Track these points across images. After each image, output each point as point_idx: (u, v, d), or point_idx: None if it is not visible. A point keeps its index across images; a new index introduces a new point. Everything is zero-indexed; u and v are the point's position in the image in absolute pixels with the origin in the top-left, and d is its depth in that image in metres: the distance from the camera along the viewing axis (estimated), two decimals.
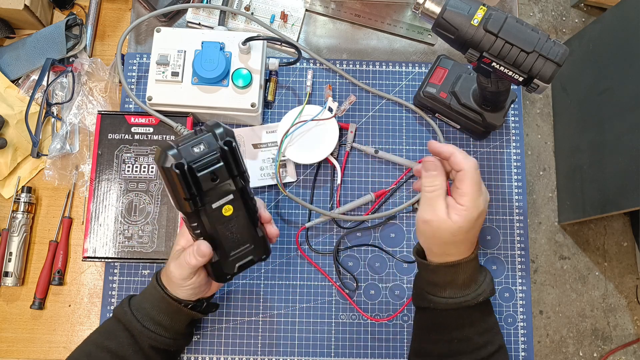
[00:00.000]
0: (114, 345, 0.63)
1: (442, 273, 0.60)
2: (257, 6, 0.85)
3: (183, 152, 0.53)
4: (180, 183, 0.53)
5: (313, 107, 0.79)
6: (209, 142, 0.55)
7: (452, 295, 0.60)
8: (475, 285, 0.61)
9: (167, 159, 0.53)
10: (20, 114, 0.81)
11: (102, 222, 0.75)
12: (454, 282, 0.60)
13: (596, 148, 1.55)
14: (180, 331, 0.66)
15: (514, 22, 0.59)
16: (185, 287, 0.63)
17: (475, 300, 0.60)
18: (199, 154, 0.54)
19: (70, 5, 0.86)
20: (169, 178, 0.54)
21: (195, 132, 0.56)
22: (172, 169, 0.52)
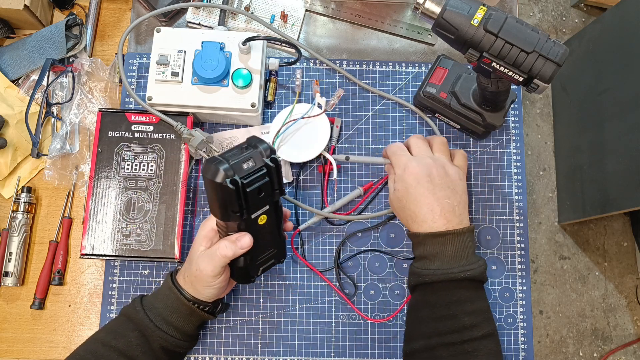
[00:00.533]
0: (122, 345, 0.63)
1: (430, 244, 0.64)
2: (257, 6, 0.85)
3: (235, 168, 0.55)
4: (234, 198, 0.55)
5: (303, 105, 0.79)
6: (255, 158, 0.57)
7: (440, 266, 0.63)
8: (467, 261, 0.63)
9: (219, 174, 0.54)
10: (20, 114, 0.81)
11: (100, 219, 0.75)
12: (443, 254, 0.63)
13: (596, 148, 1.55)
14: (191, 333, 0.67)
15: (514, 22, 0.59)
16: (214, 286, 0.64)
17: (462, 273, 0.62)
18: (247, 170, 0.56)
19: (70, 5, 0.86)
20: (219, 192, 0.55)
21: (241, 147, 0.58)
22: (226, 185, 0.54)
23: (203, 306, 0.66)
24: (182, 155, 0.77)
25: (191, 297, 0.65)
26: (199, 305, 0.66)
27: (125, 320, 0.65)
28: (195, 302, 0.65)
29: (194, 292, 0.65)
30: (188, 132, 0.74)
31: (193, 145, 0.74)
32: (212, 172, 0.54)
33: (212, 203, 0.58)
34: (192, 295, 0.65)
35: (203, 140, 0.74)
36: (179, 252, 0.74)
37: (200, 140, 0.73)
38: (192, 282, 0.64)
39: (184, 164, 0.76)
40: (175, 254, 0.74)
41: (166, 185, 0.76)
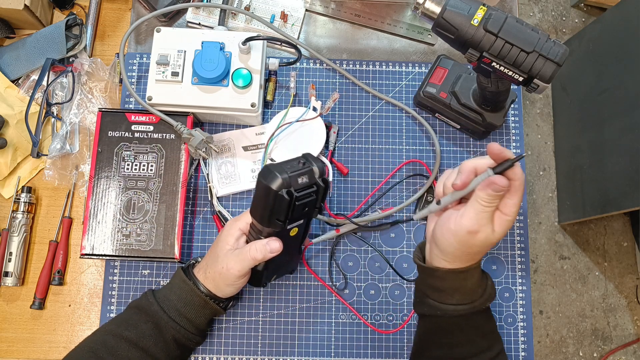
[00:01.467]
0: (134, 336, 0.64)
1: (452, 279, 0.59)
2: (257, 6, 0.85)
3: (292, 180, 0.57)
4: (284, 208, 0.57)
5: (298, 108, 0.79)
6: (310, 175, 0.59)
7: (460, 301, 0.59)
8: (481, 289, 0.60)
9: (277, 182, 0.56)
10: (20, 114, 0.81)
11: (100, 219, 0.75)
12: (463, 288, 0.59)
13: (596, 148, 1.55)
14: (202, 327, 0.68)
15: (514, 22, 0.59)
16: (236, 285, 0.66)
17: (484, 305, 0.59)
18: (302, 185, 0.58)
19: (70, 5, 0.86)
20: (271, 199, 0.57)
21: (298, 161, 0.59)
22: (282, 195, 0.56)
23: (217, 300, 0.67)
24: (182, 155, 0.77)
25: (207, 291, 0.66)
26: (213, 299, 0.67)
27: (137, 312, 0.66)
28: (211, 296, 0.66)
29: (214, 288, 0.66)
30: (188, 132, 0.74)
31: (193, 145, 0.74)
32: (271, 178, 0.56)
33: (259, 207, 0.59)
34: (209, 290, 0.66)
35: (203, 140, 0.74)
36: (179, 252, 0.74)
37: (200, 140, 0.73)
38: (214, 278, 0.65)
39: (184, 164, 0.76)
40: (175, 253, 0.74)
41: (166, 185, 0.76)
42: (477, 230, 0.55)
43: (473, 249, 0.56)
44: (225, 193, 0.79)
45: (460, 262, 0.58)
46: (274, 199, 0.57)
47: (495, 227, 0.55)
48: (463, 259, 0.58)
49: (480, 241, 0.55)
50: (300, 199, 0.58)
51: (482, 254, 0.59)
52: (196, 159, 0.79)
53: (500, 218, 0.56)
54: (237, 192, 0.79)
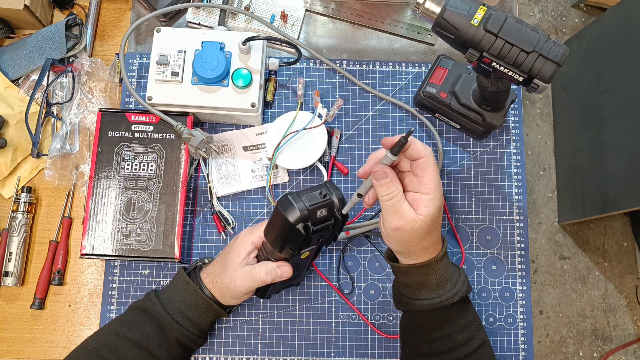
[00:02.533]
0: (138, 336, 0.64)
1: (414, 274, 0.60)
2: (257, 6, 0.85)
3: (311, 213, 0.56)
4: (299, 241, 0.57)
5: (303, 113, 0.79)
6: (330, 208, 0.57)
7: (427, 296, 0.61)
8: (451, 284, 0.61)
9: (295, 214, 0.55)
10: (20, 114, 0.81)
11: (100, 219, 0.75)
12: (426, 283, 0.60)
13: (596, 148, 1.55)
14: (205, 329, 0.68)
15: (514, 22, 0.59)
16: (241, 299, 0.67)
17: (451, 300, 0.60)
18: (320, 218, 0.57)
19: (70, 5, 0.86)
20: (287, 229, 0.56)
21: (319, 191, 0.58)
22: (299, 229, 0.55)
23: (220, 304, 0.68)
24: (182, 155, 0.77)
25: (212, 296, 0.66)
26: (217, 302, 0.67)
27: (140, 313, 0.66)
28: (214, 299, 0.67)
29: (219, 296, 0.66)
30: (188, 132, 0.74)
31: (193, 145, 0.74)
32: (290, 210, 0.55)
33: (274, 233, 0.59)
34: (214, 296, 0.66)
35: (203, 140, 0.74)
36: (179, 252, 0.74)
37: (200, 140, 0.73)
38: (221, 289, 0.66)
39: (184, 164, 0.76)
40: (175, 253, 0.74)
41: (166, 185, 0.76)
42: (400, 225, 0.55)
43: (412, 240, 0.57)
44: (225, 193, 0.79)
45: (418, 256, 0.59)
46: (289, 231, 0.56)
47: (419, 210, 0.55)
48: (418, 252, 0.58)
49: (410, 231, 0.55)
50: (316, 232, 0.57)
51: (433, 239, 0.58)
52: (196, 159, 0.79)
53: (421, 199, 0.55)
54: (237, 192, 0.79)
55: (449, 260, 0.63)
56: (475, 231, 0.80)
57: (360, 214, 0.79)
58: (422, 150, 0.55)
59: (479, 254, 0.79)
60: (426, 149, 0.56)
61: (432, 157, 0.56)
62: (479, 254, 0.79)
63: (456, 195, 0.81)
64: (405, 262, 0.60)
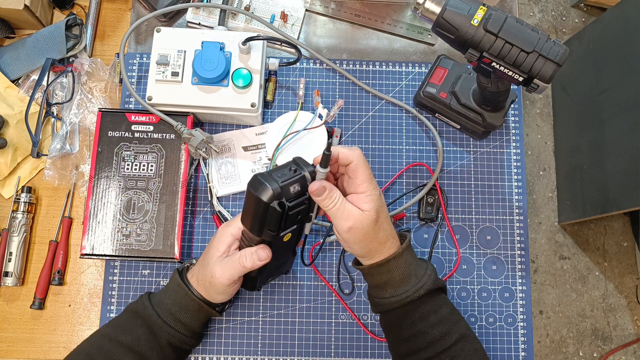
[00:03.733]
0: (129, 340, 0.63)
1: (377, 273, 0.62)
2: (257, 6, 0.85)
3: (283, 190, 0.55)
4: (276, 219, 0.56)
5: (303, 113, 0.79)
6: (302, 183, 0.57)
7: (392, 293, 0.62)
8: (416, 278, 0.62)
9: (267, 193, 0.54)
10: (20, 114, 0.81)
11: (100, 219, 0.75)
12: (390, 281, 0.61)
13: (596, 148, 1.55)
14: (197, 330, 0.68)
15: (514, 22, 0.59)
16: (227, 292, 0.65)
17: (417, 294, 0.61)
18: (294, 193, 0.56)
19: (70, 5, 0.86)
20: (262, 210, 0.55)
21: (289, 168, 0.57)
22: (274, 207, 0.54)
23: (211, 305, 0.67)
24: (182, 155, 0.77)
25: (201, 296, 0.66)
26: (207, 303, 0.66)
27: (132, 316, 0.66)
28: (204, 300, 0.66)
29: (205, 295, 0.66)
30: (188, 132, 0.74)
31: (193, 145, 0.74)
32: (261, 189, 0.54)
33: (250, 217, 0.58)
34: (202, 296, 0.66)
35: (203, 140, 0.74)
36: (179, 252, 0.74)
37: (200, 140, 0.73)
38: (205, 286, 0.65)
39: (184, 164, 0.76)
40: (175, 253, 0.74)
41: (166, 185, 0.76)
42: (350, 224, 0.57)
43: (367, 238, 0.59)
44: (225, 193, 0.79)
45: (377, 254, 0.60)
46: (265, 211, 0.55)
47: (363, 206, 0.58)
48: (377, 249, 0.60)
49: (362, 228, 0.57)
50: (292, 209, 0.56)
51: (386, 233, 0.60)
52: (196, 159, 0.79)
53: (359, 198, 0.58)
54: (237, 192, 0.79)
55: (413, 256, 0.63)
56: (475, 231, 0.80)
57: None
58: (349, 155, 0.58)
59: (479, 254, 0.79)
60: (353, 152, 0.58)
61: (361, 158, 0.58)
62: (479, 254, 0.79)
63: (456, 195, 0.81)
64: (368, 262, 0.62)
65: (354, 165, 0.58)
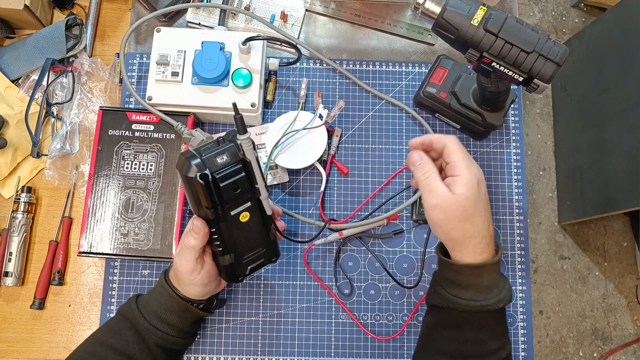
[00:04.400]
0: (119, 344, 0.63)
1: (467, 274, 0.59)
2: (257, 6, 0.85)
3: (207, 162, 0.54)
4: (204, 193, 0.54)
5: (304, 113, 0.78)
6: (231, 152, 0.56)
7: (474, 297, 0.59)
8: (497, 289, 0.60)
9: (191, 168, 0.53)
10: (20, 114, 0.81)
11: (99, 218, 0.75)
12: (477, 285, 0.59)
13: (596, 148, 1.55)
14: (186, 329, 0.67)
15: (514, 22, 0.59)
16: (194, 283, 0.63)
17: (496, 305, 0.59)
18: (222, 164, 0.55)
19: (70, 5, 0.86)
20: (192, 187, 0.55)
21: (218, 141, 0.57)
22: (196, 179, 0.53)
23: (197, 304, 0.66)
24: None
25: (184, 296, 0.65)
26: (192, 303, 0.66)
27: (121, 319, 0.66)
28: (188, 300, 0.65)
29: (182, 290, 0.65)
30: (188, 132, 0.74)
31: (193, 145, 0.73)
32: (183, 166, 0.54)
33: (188, 198, 0.58)
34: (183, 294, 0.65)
35: (203, 140, 0.74)
36: None
37: (200, 140, 0.73)
38: (177, 282, 0.65)
39: None
40: (172, 253, 0.74)
41: (165, 184, 0.76)
42: (436, 202, 0.57)
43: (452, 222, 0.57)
44: None
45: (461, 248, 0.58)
46: (192, 186, 0.54)
47: (455, 189, 0.57)
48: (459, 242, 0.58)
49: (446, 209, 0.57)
50: (223, 180, 0.55)
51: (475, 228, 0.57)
52: None
53: (454, 181, 0.58)
54: None
55: (500, 268, 0.62)
56: None
57: (353, 214, 0.79)
58: (443, 139, 0.59)
59: None
60: (448, 137, 0.59)
61: (455, 142, 0.59)
62: None
63: None
64: (458, 260, 0.59)
65: (449, 149, 0.58)
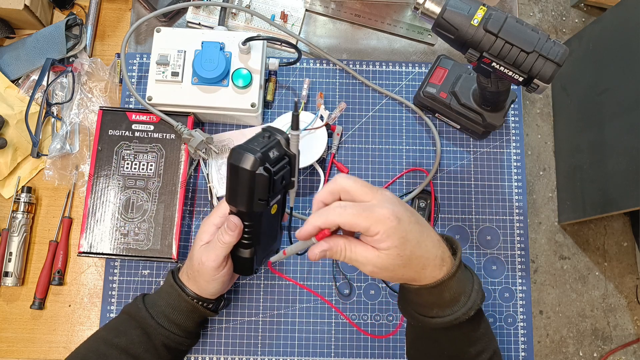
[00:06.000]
0: (125, 342, 0.63)
1: (425, 295, 0.54)
2: (257, 6, 0.85)
3: (265, 156, 0.55)
4: (265, 186, 0.55)
5: (305, 114, 0.79)
6: (279, 147, 0.57)
7: (439, 314, 0.54)
8: (465, 297, 0.54)
9: (254, 162, 0.54)
10: (20, 114, 0.81)
11: (98, 218, 0.75)
12: (439, 302, 0.54)
13: (596, 148, 1.55)
14: (192, 330, 0.67)
15: (514, 22, 0.59)
16: (216, 280, 0.63)
17: (466, 315, 0.54)
18: (274, 158, 0.56)
19: (70, 5, 0.86)
20: (252, 181, 0.55)
21: (262, 136, 0.57)
22: (261, 173, 0.54)
23: (205, 303, 0.66)
24: (182, 155, 0.77)
25: (194, 294, 0.65)
26: (201, 302, 0.66)
27: (127, 318, 0.66)
28: (198, 299, 0.66)
29: (196, 288, 0.65)
30: (188, 132, 0.74)
31: (193, 145, 0.74)
32: (244, 159, 0.54)
33: (238, 192, 0.57)
34: (195, 293, 0.65)
35: (203, 140, 0.74)
36: (177, 252, 0.74)
37: (200, 140, 0.73)
38: (194, 277, 0.64)
39: (184, 164, 0.76)
40: (172, 254, 0.74)
41: (165, 185, 0.76)
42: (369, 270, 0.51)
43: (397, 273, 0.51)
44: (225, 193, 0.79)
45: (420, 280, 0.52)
46: (252, 180, 0.54)
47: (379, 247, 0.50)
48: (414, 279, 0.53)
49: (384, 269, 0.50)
50: (277, 173, 0.56)
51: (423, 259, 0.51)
52: (196, 159, 0.79)
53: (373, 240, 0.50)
54: None
55: (463, 269, 0.55)
56: (475, 231, 0.80)
57: None
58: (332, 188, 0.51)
59: (479, 254, 0.79)
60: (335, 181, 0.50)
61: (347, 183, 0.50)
62: (479, 254, 0.79)
63: (456, 195, 0.81)
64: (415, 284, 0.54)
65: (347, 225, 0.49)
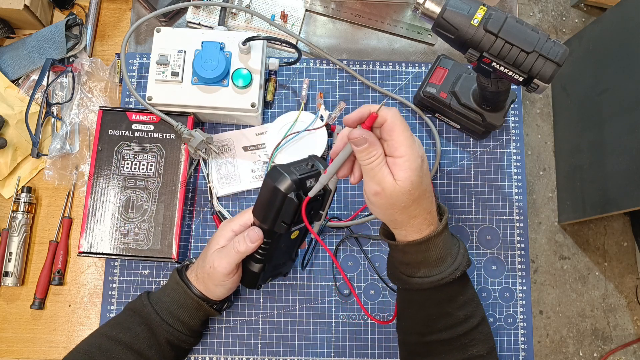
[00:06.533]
0: (128, 338, 0.63)
1: (413, 252, 0.56)
2: (257, 6, 0.85)
3: (301, 183, 0.56)
4: (292, 211, 0.56)
5: (305, 114, 0.79)
6: (317, 178, 0.57)
7: (426, 274, 0.57)
8: (451, 258, 0.57)
9: (288, 185, 0.55)
10: (20, 114, 0.81)
11: (98, 218, 0.75)
12: (426, 260, 0.57)
13: (596, 148, 1.55)
14: (195, 328, 0.68)
15: (514, 22, 0.59)
16: (225, 285, 0.64)
17: (452, 276, 0.57)
18: (310, 188, 0.57)
19: (70, 5, 0.86)
20: (281, 202, 0.56)
21: (307, 162, 0.58)
22: (292, 198, 0.55)
23: (210, 303, 0.67)
24: (182, 155, 0.77)
25: (200, 293, 0.66)
26: (207, 302, 0.66)
27: (131, 314, 0.66)
28: (203, 298, 0.66)
29: (204, 290, 0.66)
30: (188, 132, 0.74)
31: (192, 145, 0.74)
32: (280, 180, 0.55)
33: (265, 208, 0.58)
34: (201, 293, 0.66)
35: (203, 140, 0.74)
36: (177, 252, 0.74)
37: (200, 140, 0.73)
38: (204, 279, 0.65)
39: (184, 164, 0.76)
40: (172, 253, 0.74)
41: (165, 185, 0.76)
42: (378, 190, 0.53)
43: (395, 208, 0.53)
44: (225, 193, 0.79)
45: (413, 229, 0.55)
46: (282, 201, 0.55)
47: (398, 175, 0.52)
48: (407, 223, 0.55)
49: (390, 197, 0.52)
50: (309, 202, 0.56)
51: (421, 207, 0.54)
52: (196, 159, 0.79)
53: (395, 163, 0.52)
54: (237, 192, 0.79)
55: (449, 233, 0.58)
56: (475, 231, 0.80)
57: (354, 215, 0.79)
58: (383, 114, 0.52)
59: (479, 254, 0.79)
60: (389, 111, 0.52)
61: (397, 117, 0.52)
62: (479, 254, 0.79)
63: (456, 195, 0.81)
64: (402, 238, 0.56)
65: (389, 125, 0.52)
